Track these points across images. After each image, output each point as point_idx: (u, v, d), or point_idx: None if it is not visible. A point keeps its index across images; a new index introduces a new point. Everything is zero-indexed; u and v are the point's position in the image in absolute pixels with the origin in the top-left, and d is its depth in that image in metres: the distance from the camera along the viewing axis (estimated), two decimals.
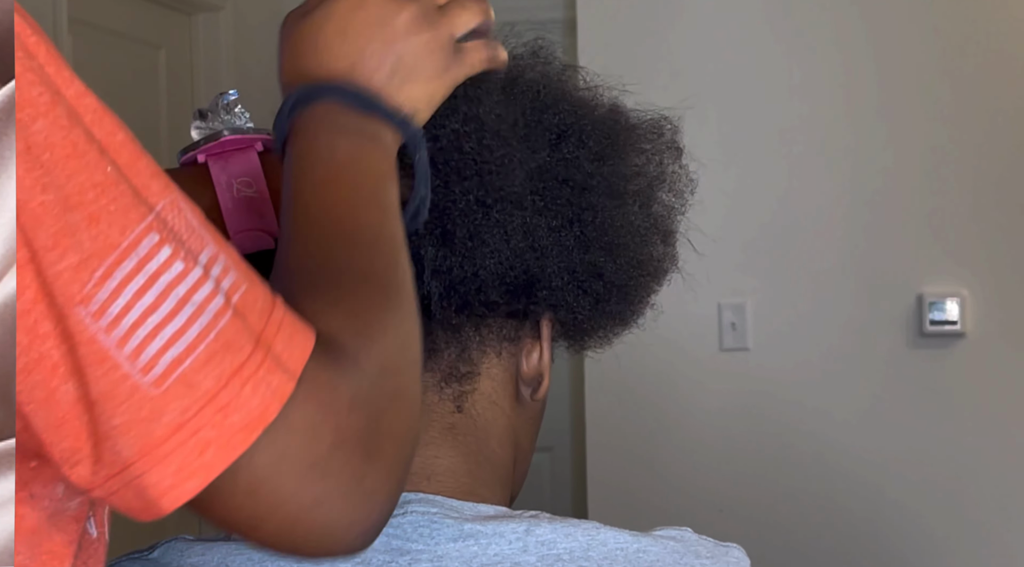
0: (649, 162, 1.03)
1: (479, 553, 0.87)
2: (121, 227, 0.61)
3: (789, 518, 3.25)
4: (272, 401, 0.63)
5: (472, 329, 0.95)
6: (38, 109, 0.60)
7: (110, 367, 0.61)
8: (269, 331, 0.65)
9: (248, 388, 0.63)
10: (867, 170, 3.25)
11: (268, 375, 0.63)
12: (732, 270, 3.31)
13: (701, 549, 0.92)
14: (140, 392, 0.61)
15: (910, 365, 3.20)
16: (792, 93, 3.30)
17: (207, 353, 0.62)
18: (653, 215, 1.03)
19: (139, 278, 0.61)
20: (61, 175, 0.60)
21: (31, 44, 0.61)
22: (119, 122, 0.64)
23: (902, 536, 3.18)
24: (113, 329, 0.61)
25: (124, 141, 0.63)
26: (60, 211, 0.60)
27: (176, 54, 3.84)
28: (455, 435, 0.95)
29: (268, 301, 0.66)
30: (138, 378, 0.61)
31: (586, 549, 0.88)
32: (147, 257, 0.61)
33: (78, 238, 0.60)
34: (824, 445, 3.24)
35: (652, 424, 3.35)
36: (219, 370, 0.62)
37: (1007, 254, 3.16)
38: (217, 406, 0.62)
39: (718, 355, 3.32)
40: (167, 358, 0.61)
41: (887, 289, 3.22)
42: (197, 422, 0.62)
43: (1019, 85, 3.17)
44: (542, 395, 1.00)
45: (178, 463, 0.61)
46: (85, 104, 0.62)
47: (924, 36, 3.22)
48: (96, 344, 0.60)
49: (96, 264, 0.60)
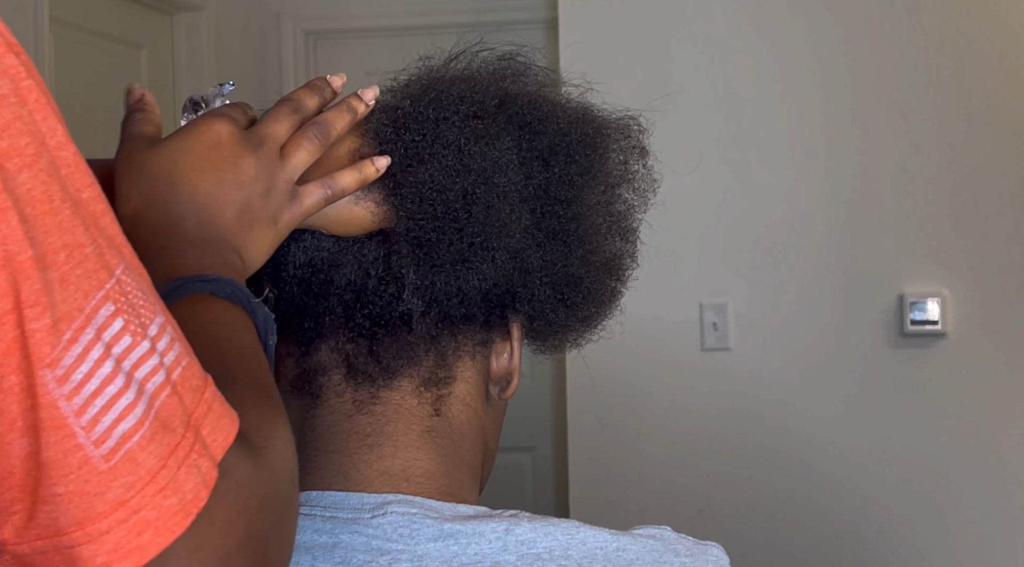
0: (616, 164, 1.04)
1: (459, 552, 0.87)
2: (84, 292, 0.60)
3: (770, 517, 3.26)
4: (202, 487, 0.63)
5: (449, 337, 0.96)
6: (24, 160, 0.59)
7: (66, 435, 0.60)
8: (199, 412, 0.64)
9: (183, 471, 0.62)
10: (848, 171, 3.26)
11: (198, 459, 0.63)
12: (713, 270, 3.32)
13: (680, 547, 0.93)
14: (90, 464, 0.60)
15: (891, 365, 3.21)
16: (773, 94, 3.31)
17: (151, 431, 0.61)
18: (614, 213, 1.04)
19: (98, 347, 0.60)
20: (40, 231, 0.59)
21: (24, 88, 0.60)
22: (90, 176, 0.63)
23: (883, 535, 3.19)
24: (73, 397, 0.60)
25: (91, 197, 0.63)
26: (40, 268, 0.59)
27: (157, 54, 3.83)
28: (433, 438, 0.96)
29: (201, 379, 0.66)
30: (90, 450, 0.60)
31: (565, 548, 0.89)
32: (103, 326, 0.61)
33: (53, 298, 0.59)
34: (805, 444, 3.25)
35: (633, 424, 3.35)
36: (160, 449, 0.62)
37: (987, 254, 3.17)
38: (157, 487, 0.61)
39: (699, 355, 3.33)
40: (118, 432, 0.60)
41: (868, 289, 3.23)
42: (138, 502, 0.61)
43: (999, 84, 3.18)
44: (510, 393, 1.01)
45: (115, 541, 0.60)
46: (63, 157, 0.61)
47: (902, 36, 3.23)
48: (56, 409, 0.59)
49: (64, 328, 0.59)
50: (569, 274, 0.98)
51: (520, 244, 0.95)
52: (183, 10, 3.89)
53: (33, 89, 0.60)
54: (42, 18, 3.10)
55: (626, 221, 1.05)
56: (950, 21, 3.20)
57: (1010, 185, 3.16)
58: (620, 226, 1.04)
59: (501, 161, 0.95)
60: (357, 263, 0.94)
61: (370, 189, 0.94)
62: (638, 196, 1.05)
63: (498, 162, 0.95)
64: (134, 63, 3.71)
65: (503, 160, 0.95)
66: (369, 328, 0.94)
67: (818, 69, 3.29)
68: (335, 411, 0.96)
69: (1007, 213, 3.15)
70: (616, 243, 1.04)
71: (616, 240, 1.04)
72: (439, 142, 0.94)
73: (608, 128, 1.04)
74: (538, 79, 1.03)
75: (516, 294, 0.96)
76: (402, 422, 0.95)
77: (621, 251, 1.04)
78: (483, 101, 0.97)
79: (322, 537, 0.88)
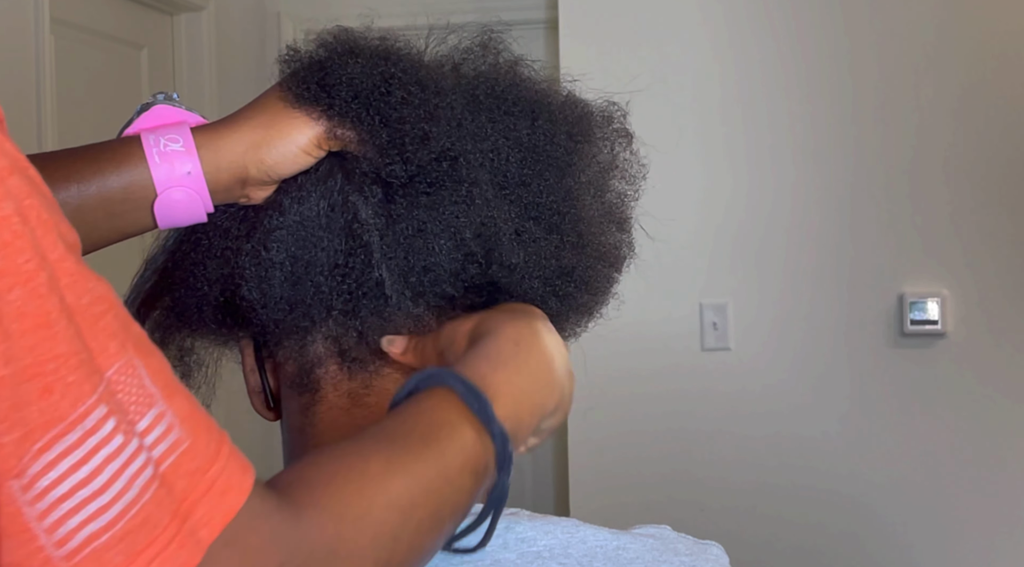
0: (601, 150, 1.05)
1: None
2: (73, 399, 0.61)
3: (769, 517, 3.26)
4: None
5: (432, 318, 0.96)
6: (19, 277, 0.60)
7: (27, 539, 0.60)
8: (195, 494, 0.64)
9: (154, 566, 0.62)
10: (848, 170, 3.26)
11: (178, 550, 0.63)
12: (714, 270, 3.32)
13: (680, 546, 0.93)
14: (50, 565, 0.61)
15: (891, 365, 3.21)
16: (774, 94, 3.31)
17: (124, 530, 0.62)
18: (607, 203, 1.04)
19: (79, 451, 0.61)
20: (24, 347, 0.60)
21: (27, 207, 0.61)
22: (93, 280, 0.64)
23: (882, 535, 3.20)
24: (38, 501, 0.60)
25: (91, 302, 0.63)
26: (15, 384, 0.60)
27: (158, 54, 3.83)
28: None
29: (208, 457, 0.66)
30: (51, 551, 0.61)
31: (565, 546, 0.89)
32: (92, 430, 0.62)
33: (26, 412, 0.60)
34: (805, 444, 3.25)
35: (633, 424, 3.35)
36: (131, 548, 0.62)
37: (987, 254, 3.17)
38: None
39: (700, 355, 3.33)
40: (84, 533, 0.61)
41: (868, 289, 3.23)
42: None
43: (999, 84, 3.18)
44: None
45: None
46: (65, 268, 0.62)
47: (903, 35, 3.23)
48: (19, 516, 0.60)
49: (38, 437, 0.60)
50: (561, 267, 0.98)
51: (489, 225, 0.95)
52: (183, 10, 3.89)
53: (35, 207, 0.61)
54: (42, 18, 3.10)
55: (619, 210, 1.05)
56: (950, 21, 3.20)
57: (1010, 185, 3.16)
58: (613, 215, 1.05)
59: (481, 133, 0.96)
60: (327, 239, 0.94)
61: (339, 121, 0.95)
62: (628, 183, 1.06)
63: (478, 133, 0.96)
64: (134, 63, 3.71)
65: (483, 132, 0.96)
66: (350, 304, 0.94)
67: (819, 69, 3.29)
68: (333, 407, 0.96)
69: (1007, 213, 3.16)
70: (612, 232, 1.04)
71: (612, 229, 1.04)
72: (437, 96, 0.95)
73: (591, 114, 1.04)
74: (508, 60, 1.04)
75: (500, 285, 0.96)
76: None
77: (618, 241, 1.05)
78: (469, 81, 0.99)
79: None
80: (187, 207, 0.97)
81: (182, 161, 0.96)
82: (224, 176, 0.96)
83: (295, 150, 0.95)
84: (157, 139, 0.96)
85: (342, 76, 0.96)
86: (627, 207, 1.06)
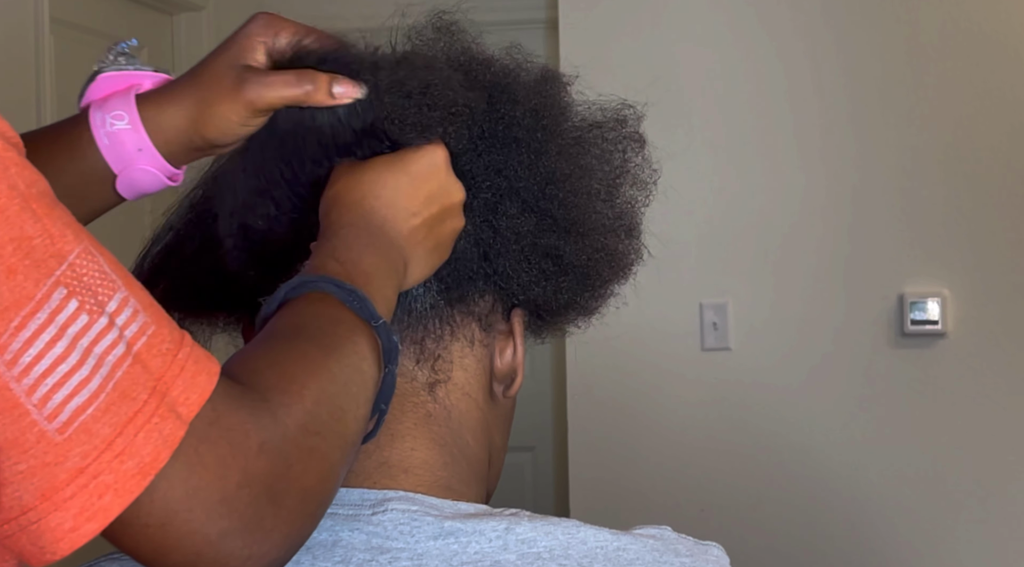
0: (613, 152, 1.04)
1: (459, 551, 0.87)
2: (35, 280, 0.64)
3: (770, 517, 3.26)
4: (163, 448, 0.66)
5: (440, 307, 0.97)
6: None
7: (20, 414, 0.64)
8: (170, 374, 0.68)
9: (141, 436, 0.66)
10: (848, 170, 3.26)
11: (161, 422, 0.67)
12: (713, 270, 3.32)
13: (681, 547, 0.92)
14: (46, 438, 0.64)
15: (891, 365, 3.21)
16: (774, 93, 3.31)
17: (106, 402, 0.65)
18: (617, 207, 1.04)
19: (50, 329, 0.65)
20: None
21: None
22: (38, 174, 0.67)
23: (883, 535, 3.19)
24: (24, 377, 0.64)
25: (44, 191, 0.67)
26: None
27: (157, 54, 3.83)
28: (430, 425, 0.96)
29: (174, 342, 0.70)
30: (44, 425, 0.64)
31: (566, 547, 0.89)
32: (57, 309, 0.65)
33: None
34: (805, 445, 3.25)
35: (634, 424, 3.35)
36: (116, 419, 0.65)
37: (987, 254, 3.17)
38: (114, 453, 0.65)
39: (700, 355, 3.33)
40: (71, 406, 0.65)
41: (868, 289, 3.23)
42: (96, 467, 0.65)
43: (999, 84, 3.18)
44: (514, 392, 1.01)
45: (80, 505, 0.65)
46: (11, 157, 0.65)
47: (903, 36, 3.23)
48: (8, 391, 0.64)
49: (13, 315, 0.64)
50: (543, 247, 0.98)
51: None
52: (183, 10, 3.89)
53: None
54: (42, 18, 3.10)
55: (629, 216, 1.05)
56: (950, 20, 3.20)
57: (1010, 185, 3.15)
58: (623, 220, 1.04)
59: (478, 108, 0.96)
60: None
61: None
62: (639, 189, 1.05)
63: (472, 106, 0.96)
64: None
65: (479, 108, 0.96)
66: None
67: (818, 69, 3.29)
68: None
69: (1007, 213, 3.15)
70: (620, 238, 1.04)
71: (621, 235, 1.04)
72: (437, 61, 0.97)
73: (561, 93, 1.04)
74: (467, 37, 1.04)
75: (487, 257, 0.97)
76: (397, 407, 0.95)
77: (626, 247, 1.04)
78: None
79: (322, 534, 0.88)
80: (150, 181, 0.98)
81: (131, 140, 0.96)
82: (175, 148, 0.97)
83: (233, 124, 0.96)
84: (104, 118, 0.97)
85: None
86: (637, 213, 1.06)
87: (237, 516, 0.69)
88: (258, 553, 0.70)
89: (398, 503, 0.89)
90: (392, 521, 0.88)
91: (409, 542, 0.88)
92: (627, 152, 1.05)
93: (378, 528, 0.88)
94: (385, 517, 0.89)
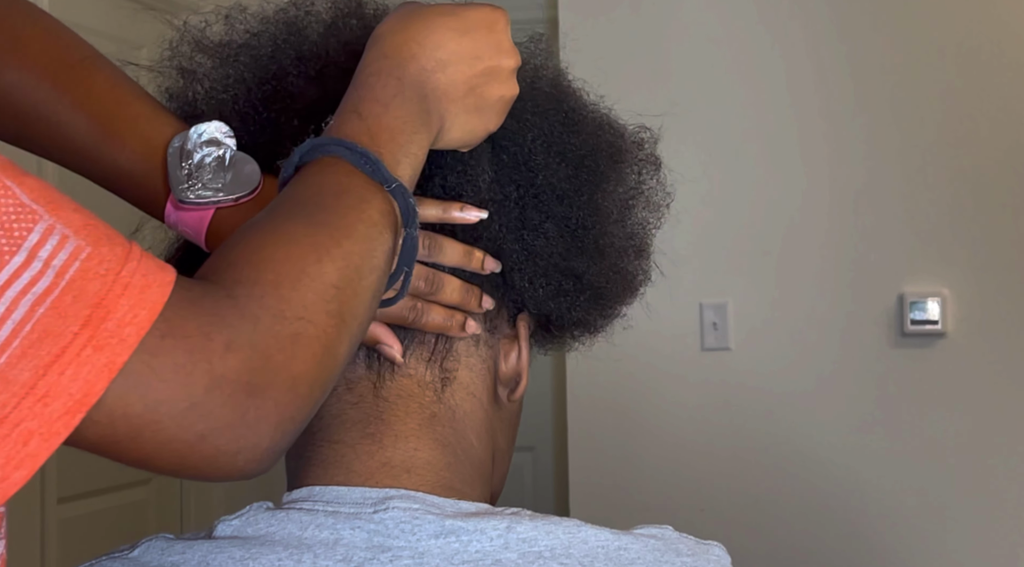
0: (629, 174, 1.05)
1: (460, 550, 0.87)
2: None
3: (770, 517, 3.26)
4: (97, 379, 0.64)
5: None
6: None
7: None
8: (111, 296, 0.66)
9: (68, 374, 0.64)
10: (848, 170, 3.26)
11: (95, 354, 0.64)
12: (713, 270, 3.32)
13: (682, 547, 0.92)
14: None
15: (891, 364, 3.21)
16: (774, 94, 3.31)
17: (22, 348, 0.63)
18: (629, 228, 1.04)
19: None
20: None
21: None
22: None
23: (883, 535, 3.20)
24: None
25: None
26: None
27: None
28: (434, 426, 0.96)
29: (115, 260, 0.67)
30: None
31: (567, 546, 0.88)
32: None
33: None
34: (805, 445, 3.25)
35: (633, 424, 3.35)
36: (36, 362, 0.63)
37: (987, 254, 3.17)
38: (36, 397, 0.63)
39: (700, 355, 3.33)
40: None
41: (868, 289, 3.23)
42: (16, 416, 0.63)
43: (999, 84, 3.18)
44: (519, 395, 1.01)
45: (4, 456, 0.63)
46: None
47: (903, 37, 3.23)
48: None
49: None
50: (569, 268, 0.98)
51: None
52: (183, 10, 3.89)
53: None
54: None
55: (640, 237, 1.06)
56: (951, 22, 3.20)
57: (1010, 185, 3.15)
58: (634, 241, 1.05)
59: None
60: None
61: None
62: (651, 211, 1.06)
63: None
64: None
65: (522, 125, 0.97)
66: None
67: (818, 70, 3.29)
68: (340, 400, 0.96)
69: (1007, 213, 3.15)
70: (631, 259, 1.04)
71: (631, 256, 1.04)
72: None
73: (624, 136, 1.05)
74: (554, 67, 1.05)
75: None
76: (402, 408, 0.95)
77: (635, 268, 1.05)
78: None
79: (324, 533, 0.88)
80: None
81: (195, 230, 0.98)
82: None
83: None
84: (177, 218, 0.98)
85: None
86: (649, 235, 1.06)
87: (213, 418, 0.68)
88: (248, 445, 0.70)
89: (400, 501, 0.89)
90: (393, 519, 0.88)
91: (410, 540, 0.88)
92: (642, 173, 1.05)
93: (379, 526, 0.88)
94: (386, 515, 0.89)
